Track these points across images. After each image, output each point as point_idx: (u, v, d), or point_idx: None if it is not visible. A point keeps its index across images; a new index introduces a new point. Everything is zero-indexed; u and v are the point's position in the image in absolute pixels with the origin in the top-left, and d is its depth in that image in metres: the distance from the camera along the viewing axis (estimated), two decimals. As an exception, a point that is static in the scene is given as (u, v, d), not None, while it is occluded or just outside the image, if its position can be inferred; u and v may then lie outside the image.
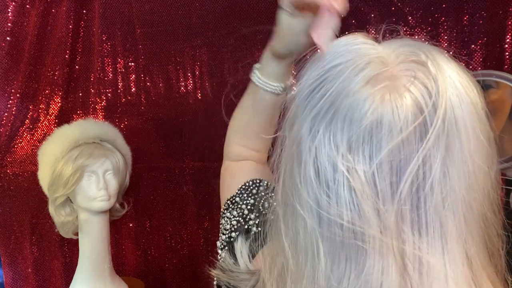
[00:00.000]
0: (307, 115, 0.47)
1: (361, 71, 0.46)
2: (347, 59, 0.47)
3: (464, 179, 0.45)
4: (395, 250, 0.45)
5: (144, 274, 1.54)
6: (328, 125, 0.46)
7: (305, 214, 0.47)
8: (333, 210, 0.45)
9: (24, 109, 1.39)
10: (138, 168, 1.40)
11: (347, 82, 0.46)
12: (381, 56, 0.47)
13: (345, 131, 0.45)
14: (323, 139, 0.45)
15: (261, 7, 1.33)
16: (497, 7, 1.18)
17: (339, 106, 0.45)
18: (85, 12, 1.40)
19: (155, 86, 1.44)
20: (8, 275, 1.46)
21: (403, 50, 0.48)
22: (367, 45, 0.49)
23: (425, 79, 0.45)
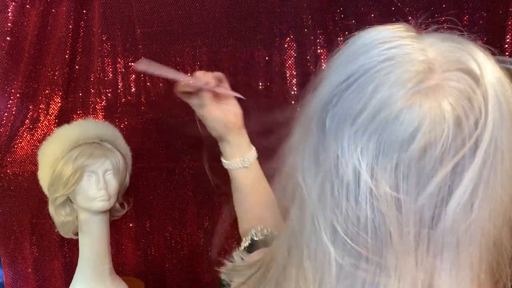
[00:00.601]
0: (330, 116, 0.45)
1: (402, 79, 0.42)
2: (386, 59, 0.43)
3: (489, 207, 0.43)
4: (410, 270, 0.43)
5: (144, 274, 1.54)
6: (354, 135, 0.43)
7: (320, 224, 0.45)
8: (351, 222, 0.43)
9: (24, 109, 1.39)
10: (138, 168, 1.40)
11: (386, 92, 0.42)
12: (429, 61, 0.43)
13: (375, 145, 0.42)
14: (348, 147, 0.43)
15: (261, 7, 1.33)
16: (497, 7, 1.18)
17: (375, 119, 0.42)
18: (85, 12, 1.40)
19: (155, 86, 1.44)
20: (8, 275, 1.46)
21: (451, 54, 0.44)
22: (413, 44, 0.44)
23: (472, 93, 0.41)
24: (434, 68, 0.43)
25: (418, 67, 0.43)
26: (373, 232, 0.43)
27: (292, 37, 1.34)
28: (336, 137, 0.44)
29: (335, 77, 0.45)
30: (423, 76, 0.42)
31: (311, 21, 1.32)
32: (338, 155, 0.43)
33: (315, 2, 1.30)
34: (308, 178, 0.46)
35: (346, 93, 0.44)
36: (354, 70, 0.44)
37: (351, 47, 0.46)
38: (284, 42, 1.35)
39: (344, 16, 1.30)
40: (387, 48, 0.44)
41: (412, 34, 0.46)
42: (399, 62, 0.43)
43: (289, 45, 1.35)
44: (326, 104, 0.45)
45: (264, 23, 1.34)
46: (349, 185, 0.43)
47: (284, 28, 1.34)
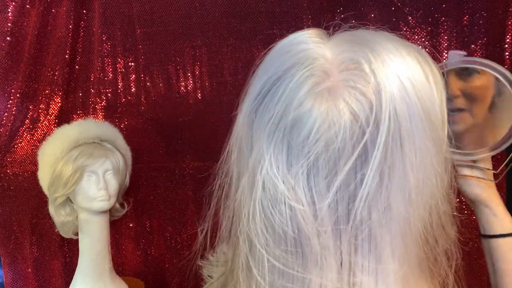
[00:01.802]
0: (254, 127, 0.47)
1: (302, 84, 0.44)
2: (291, 66, 0.46)
3: (403, 196, 0.43)
4: (333, 269, 0.44)
5: (144, 274, 1.54)
6: (270, 144, 0.45)
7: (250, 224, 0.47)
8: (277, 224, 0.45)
9: (24, 109, 1.39)
10: (138, 168, 1.40)
11: (288, 98, 0.45)
12: (325, 64, 0.45)
13: (284, 151, 0.44)
14: (267, 157, 0.45)
15: (261, 7, 1.33)
16: (497, 7, 1.18)
17: (281, 123, 0.45)
18: (85, 12, 1.40)
19: (155, 86, 1.44)
20: (8, 275, 1.46)
21: (347, 54, 0.45)
22: (312, 49, 0.47)
23: (366, 89, 0.43)
24: (330, 69, 0.45)
25: (316, 71, 0.45)
26: (292, 238, 0.44)
27: (292, 37, 1.34)
28: (257, 149, 0.46)
29: (254, 88, 0.49)
30: (320, 79, 0.44)
31: (311, 21, 1.32)
32: (261, 164, 0.45)
33: (315, 2, 1.30)
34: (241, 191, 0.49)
35: (263, 102, 0.47)
36: (267, 78, 0.47)
37: (269, 54, 0.51)
38: (284, 42, 1.34)
39: (344, 16, 1.30)
40: (292, 55, 0.47)
41: (317, 39, 0.48)
42: (299, 68, 0.45)
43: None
44: (250, 113, 0.49)
45: (264, 23, 1.34)
46: (271, 194, 0.45)
47: (284, 28, 1.34)
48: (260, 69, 0.50)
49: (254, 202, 0.46)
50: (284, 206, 0.44)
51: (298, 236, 0.44)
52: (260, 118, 0.47)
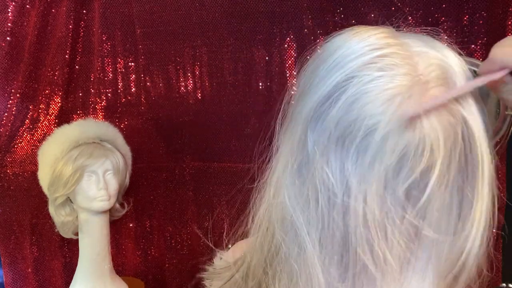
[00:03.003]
0: (318, 130, 0.44)
1: (395, 98, 0.41)
2: (378, 69, 0.42)
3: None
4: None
5: (144, 274, 1.54)
6: (342, 151, 0.42)
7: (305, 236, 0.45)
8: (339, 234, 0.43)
9: (24, 109, 1.39)
10: (138, 168, 1.40)
11: (372, 104, 0.41)
12: (418, 75, 0.42)
13: (363, 164, 0.42)
14: (335, 163, 0.42)
15: (261, 7, 1.33)
16: (497, 7, 1.18)
17: (358, 131, 0.41)
18: (85, 12, 1.40)
19: (155, 86, 1.44)
20: (8, 275, 1.46)
21: (437, 68, 0.43)
22: (402, 53, 0.43)
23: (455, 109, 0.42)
24: (424, 83, 0.42)
25: (407, 82, 0.42)
26: (360, 248, 0.43)
27: (292, 37, 1.34)
28: (323, 153, 0.43)
29: (320, 87, 0.44)
30: (414, 93, 0.41)
31: (311, 21, 1.32)
32: (326, 171, 0.43)
33: (315, 2, 1.30)
34: (292, 194, 0.45)
35: (333, 105, 0.43)
36: (342, 79, 0.43)
37: (336, 54, 0.44)
38: (284, 42, 1.35)
39: (344, 16, 1.30)
40: (378, 56, 0.42)
41: (398, 41, 0.44)
42: (390, 73, 0.42)
43: (289, 45, 1.35)
44: (312, 117, 0.44)
45: (264, 23, 1.34)
46: (337, 203, 0.43)
47: (284, 28, 1.34)
48: (325, 68, 0.44)
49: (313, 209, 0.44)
50: (356, 222, 0.42)
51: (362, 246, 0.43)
52: (329, 127, 0.43)
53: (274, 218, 0.47)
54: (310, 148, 0.44)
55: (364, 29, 0.45)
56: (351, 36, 0.45)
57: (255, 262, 0.50)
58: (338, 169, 0.42)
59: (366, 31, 0.45)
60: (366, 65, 0.42)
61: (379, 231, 0.42)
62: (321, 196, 0.43)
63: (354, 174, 0.42)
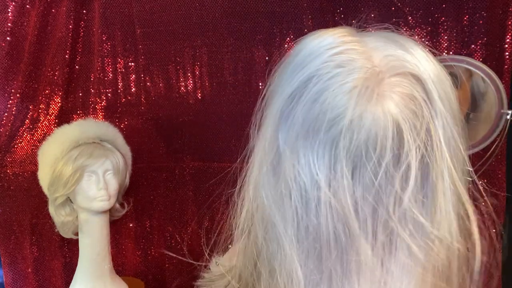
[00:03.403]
0: (286, 129, 0.45)
1: (355, 89, 0.43)
2: (336, 66, 0.44)
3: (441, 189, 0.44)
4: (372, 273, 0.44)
5: (144, 274, 1.54)
6: (311, 146, 0.44)
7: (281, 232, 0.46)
8: (312, 228, 0.44)
9: (24, 109, 1.39)
10: (138, 168, 1.40)
11: (332, 99, 0.43)
12: (374, 67, 0.44)
13: (330, 155, 0.43)
14: (305, 159, 0.44)
15: (261, 7, 1.33)
16: (497, 7, 1.18)
17: (322, 125, 0.43)
18: (85, 12, 1.40)
19: (155, 86, 1.44)
20: (8, 275, 1.46)
21: (393, 58, 0.45)
22: (358, 49, 0.45)
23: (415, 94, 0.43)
24: (379, 74, 0.44)
25: (365, 74, 0.44)
26: (334, 241, 0.44)
27: (292, 37, 1.34)
28: (292, 150, 0.45)
29: (285, 88, 0.46)
30: (370, 83, 0.43)
31: (311, 21, 1.32)
32: (296, 168, 0.44)
33: (315, 2, 1.30)
34: (269, 193, 0.47)
35: (298, 104, 0.45)
36: (304, 79, 0.45)
37: (299, 55, 0.47)
38: (284, 42, 1.35)
39: (344, 16, 1.30)
40: (334, 54, 0.45)
41: (355, 38, 0.47)
42: (346, 69, 0.44)
43: (289, 45, 1.35)
44: (280, 117, 0.46)
45: (264, 23, 1.34)
46: (309, 198, 0.44)
47: (284, 28, 1.34)
48: (290, 69, 0.48)
49: (287, 206, 0.45)
50: (327, 214, 0.43)
51: (338, 241, 0.44)
52: (295, 123, 0.45)
53: (255, 218, 0.49)
54: (281, 147, 0.46)
55: (324, 31, 0.48)
56: (312, 38, 0.48)
57: (241, 264, 0.52)
58: (307, 165, 0.44)
59: (325, 32, 0.48)
60: (325, 63, 0.45)
61: (348, 221, 0.43)
62: (294, 193, 0.45)
63: (321, 168, 0.43)
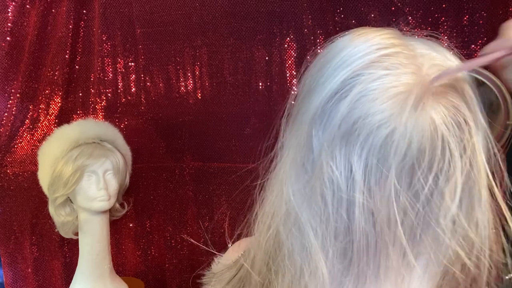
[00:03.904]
0: (324, 127, 0.44)
1: (401, 95, 0.42)
2: (384, 68, 0.43)
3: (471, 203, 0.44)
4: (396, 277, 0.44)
5: (144, 274, 1.54)
6: (350, 146, 0.43)
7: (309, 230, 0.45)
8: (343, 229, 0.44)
9: (24, 109, 1.39)
10: (138, 168, 1.40)
11: (377, 102, 0.42)
12: (423, 75, 0.43)
13: (368, 158, 0.42)
14: (342, 159, 0.43)
15: (261, 7, 1.33)
16: (497, 7, 1.18)
17: (364, 128, 0.42)
18: (85, 12, 1.40)
19: (155, 86, 1.44)
20: (8, 275, 1.46)
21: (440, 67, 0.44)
22: (406, 53, 0.44)
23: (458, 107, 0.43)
24: (427, 82, 0.43)
25: (414, 81, 0.43)
26: (363, 242, 0.44)
27: (292, 37, 1.34)
28: (329, 148, 0.44)
29: (327, 85, 0.45)
30: (418, 91, 0.42)
31: (311, 21, 1.32)
32: (332, 167, 0.43)
33: (315, 2, 1.30)
34: (297, 191, 0.46)
35: (340, 103, 0.43)
36: (348, 77, 0.43)
37: (343, 52, 0.45)
38: (284, 42, 1.35)
39: (344, 16, 1.30)
40: (384, 55, 0.43)
41: (403, 42, 0.46)
42: (395, 72, 0.43)
43: (289, 45, 1.35)
44: (319, 114, 0.45)
45: (264, 23, 1.34)
46: (342, 198, 0.43)
47: (284, 28, 1.34)
48: (333, 66, 0.45)
49: (317, 204, 0.45)
50: (360, 215, 0.43)
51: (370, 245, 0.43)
52: (335, 123, 0.43)
53: (278, 214, 0.48)
54: (316, 145, 0.45)
55: (369, 30, 0.46)
56: (357, 36, 0.46)
57: (259, 258, 0.51)
58: (343, 165, 0.43)
59: (371, 31, 0.46)
60: (372, 64, 0.43)
61: (383, 226, 0.43)
62: (327, 191, 0.44)
63: (359, 169, 0.43)
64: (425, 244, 0.44)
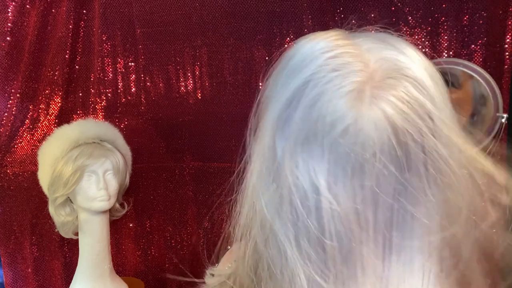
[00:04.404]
0: (284, 135, 0.45)
1: (351, 93, 0.43)
2: (331, 70, 0.44)
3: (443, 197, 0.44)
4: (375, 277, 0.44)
5: (144, 274, 1.54)
6: (310, 151, 0.43)
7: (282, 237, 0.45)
8: (314, 232, 0.44)
9: (24, 109, 1.39)
10: (138, 168, 1.40)
11: (330, 103, 0.43)
12: (370, 70, 0.44)
13: (329, 160, 0.43)
14: (304, 164, 0.44)
15: (261, 7, 1.33)
16: (497, 7, 1.18)
17: (320, 130, 0.43)
18: (85, 12, 1.40)
19: (155, 86, 1.44)
20: (8, 275, 1.46)
21: (387, 61, 0.45)
22: (352, 52, 0.45)
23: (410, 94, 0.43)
24: (374, 77, 0.44)
25: (361, 77, 0.44)
26: (337, 244, 0.44)
27: (292, 37, 1.34)
28: (291, 155, 0.44)
29: (282, 93, 0.46)
30: (366, 87, 0.43)
31: (311, 21, 1.32)
32: (296, 173, 0.44)
33: (315, 2, 1.30)
34: (268, 201, 0.47)
35: (296, 110, 0.44)
36: (300, 83, 0.45)
37: (293, 60, 0.47)
38: (284, 42, 1.35)
39: (344, 16, 1.30)
40: (329, 58, 0.45)
41: (349, 41, 0.46)
42: (342, 72, 0.44)
43: (289, 45, 1.35)
44: (277, 123, 0.46)
45: (264, 23, 1.34)
46: (309, 202, 0.44)
47: (284, 28, 1.34)
48: (285, 74, 0.47)
49: (287, 211, 0.45)
50: (329, 218, 0.43)
51: (342, 244, 0.43)
52: (293, 130, 0.45)
53: (254, 224, 0.48)
54: (279, 154, 0.46)
55: (316, 34, 0.48)
56: (304, 43, 0.47)
57: (241, 270, 0.52)
58: (306, 170, 0.44)
59: (317, 36, 0.47)
60: (320, 67, 0.44)
61: (353, 226, 0.43)
62: (294, 199, 0.44)
63: (321, 172, 0.43)
64: (404, 236, 0.44)
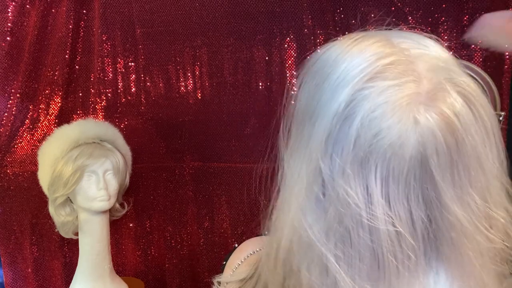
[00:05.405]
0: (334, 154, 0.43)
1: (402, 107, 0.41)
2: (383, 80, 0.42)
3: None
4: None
5: (144, 274, 1.54)
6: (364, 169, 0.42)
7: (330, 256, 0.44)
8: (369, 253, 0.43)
9: (24, 109, 1.39)
10: (138, 168, 1.40)
11: (385, 118, 0.41)
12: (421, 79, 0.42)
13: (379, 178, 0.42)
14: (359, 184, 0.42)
15: (261, 7, 1.33)
16: (497, 7, 1.18)
17: (376, 148, 0.41)
18: (85, 12, 1.40)
19: (155, 86, 1.44)
20: (8, 275, 1.46)
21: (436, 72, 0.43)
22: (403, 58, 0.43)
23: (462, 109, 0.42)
24: (427, 89, 0.42)
25: (416, 89, 0.42)
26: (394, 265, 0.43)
27: (292, 37, 1.34)
28: (343, 176, 0.43)
29: (330, 107, 0.43)
30: (422, 99, 0.42)
31: (311, 21, 1.32)
32: (350, 193, 0.42)
33: (315, 2, 1.30)
34: (314, 221, 0.44)
35: (348, 127, 0.42)
36: (351, 94, 0.42)
37: (340, 66, 0.44)
38: (284, 42, 1.35)
39: (344, 16, 1.30)
40: (384, 65, 0.42)
41: (395, 48, 0.44)
42: (397, 83, 0.42)
43: (289, 45, 1.35)
44: (326, 141, 0.43)
45: (264, 23, 1.34)
46: (363, 221, 0.42)
47: (284, 28, 1.34)
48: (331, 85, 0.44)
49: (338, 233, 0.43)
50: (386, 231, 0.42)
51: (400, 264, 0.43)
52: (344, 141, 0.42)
53: (295, 245, 0.46)
54: (327, 171, 0.43)
55: (359, 37, 0.45)
56: (351, 47, 0.45)
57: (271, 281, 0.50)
58: (361, 188, 0.42)
59: (362, 39, 0.45)
60: (375, 76, 0.42)
61: (407, 241, 0.43)
62: (346, 219, 0.43)
63: (377, 189, 0.42)
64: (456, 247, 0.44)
